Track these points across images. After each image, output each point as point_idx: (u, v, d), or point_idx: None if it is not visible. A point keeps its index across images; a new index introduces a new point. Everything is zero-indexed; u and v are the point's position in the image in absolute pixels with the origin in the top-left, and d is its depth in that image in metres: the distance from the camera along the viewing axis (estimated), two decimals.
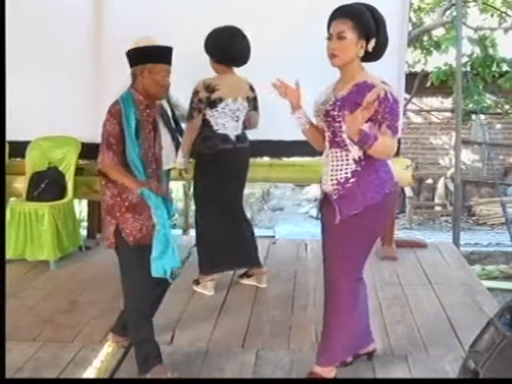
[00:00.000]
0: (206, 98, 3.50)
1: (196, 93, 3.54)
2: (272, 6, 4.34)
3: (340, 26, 2.46)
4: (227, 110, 3.53)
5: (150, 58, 2.74)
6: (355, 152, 2.44)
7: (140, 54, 2.78)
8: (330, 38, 2.49)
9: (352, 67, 2.49)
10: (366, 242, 2.57)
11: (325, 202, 2.62)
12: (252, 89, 3.67)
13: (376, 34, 2.47)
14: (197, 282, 3.78)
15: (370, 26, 2.47)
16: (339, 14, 2.50)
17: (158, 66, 2.72)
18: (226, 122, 3.56)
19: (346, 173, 2.48)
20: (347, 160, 2.48)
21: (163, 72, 2.73)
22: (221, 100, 3.50)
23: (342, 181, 2.49)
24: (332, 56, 2.48)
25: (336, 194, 2.51)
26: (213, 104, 3.52)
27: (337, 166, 2.50)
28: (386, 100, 2.37)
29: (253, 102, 3.71)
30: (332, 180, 2.51)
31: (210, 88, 3.50)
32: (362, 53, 2.46)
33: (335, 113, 2.45)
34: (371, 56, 2.51)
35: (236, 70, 3.66)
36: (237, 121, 3.62)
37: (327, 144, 2.55)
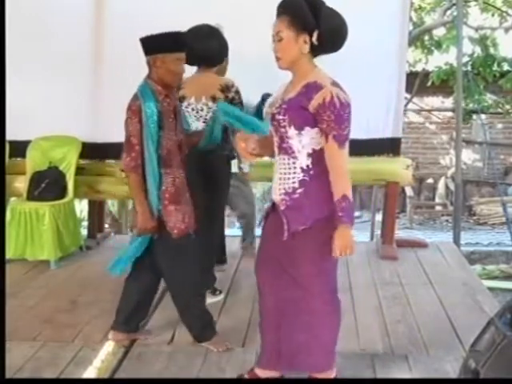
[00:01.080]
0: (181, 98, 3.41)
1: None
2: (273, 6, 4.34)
3: (278, 25, 2.26)
4: (190, 110, 3.40)
5: (160, 47, 2.72)
6: (303, 160, 2.27)
7: (150, 44, 2.74)
8: (274, 40, 2.30)
9: (301, 67, 2.29)
10: (324, 255, 2.32)
11: (272, 212, 2.44)
12: (224, 89, 3.38)
13: (317, 25, 2.21)
14: None
15: (308, 19, 2.20)
16: (278, 12, 2.29)
17: (170, 54, 2.70)
18: (191, 121, 3.42)
19: (294, 182, 2.29)
20: (294, 168, 2.29)
21: (176, 60, 2.72)
22: (183, 98, 3.38)
23: (289, 191, 2.30)
24: (276, 59, 2.30)
25: (284, 205, 2.32)
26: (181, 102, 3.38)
27: (284, 174, 2.32)
28: (332, 105, 2.18)
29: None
30: (280, 189, 2.34)
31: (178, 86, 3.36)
32: (306, 48, 2.24)
33: (280, 117, 2.26)
34: (325, 48, 2.28)
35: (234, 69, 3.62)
36: (200, 121, 3.41)
37: (276, 150, 2.36)
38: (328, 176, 2.25)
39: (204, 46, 3.35)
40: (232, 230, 6.83)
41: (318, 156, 2.27)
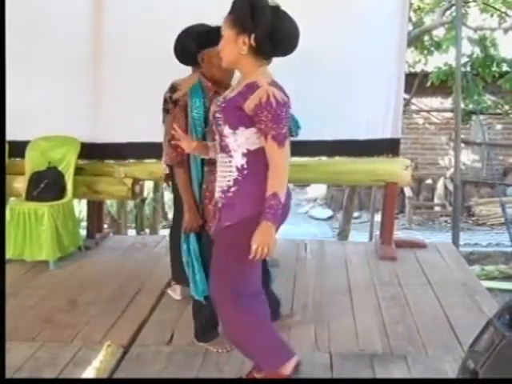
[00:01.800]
0: (169, 98, 3.29)
1: (165, 94, 3.40)
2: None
3: (224, 23, 2.27)
4: None
5: (205, 42, 2.73)
6: (238, 159, 2.27)
7: (196, 40, 2.76)
8: None
9: (244, 67, 2.27)
10: (232, 255, 2.31)
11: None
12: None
13: (254, 28, 2.17)
14: (168, 284, 3.76)
15: (246, 20, 2.17)
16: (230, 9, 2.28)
17: (214, 49, 2.61)
18: None
19: (229, 180, 2.30)
20: (231, 167, 2.30)
21: (219, 54, 2.69)
22: (178, 101, 3.15)
23: (225, 189, 2.32)
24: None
25: (220, 203, 2.35)
26: (175, 104, 3.22)
27: (222, 172, 2.34)
28: (269, 105, 2.14)
29: None
30: (218, 187, 2.37)
31: (173, 88, 3.32)
32: (245, 50, 2.20)
33: (218, 115, 2.28)
34: (265, 51, 2.23)
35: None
36: None
37: (217, 148, 2.38)
38: (264, 176, 2.23)
39: (188, 46, 3.19)
40: None
41: (253, 156, 2.27)
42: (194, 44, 3.00)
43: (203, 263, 2.85)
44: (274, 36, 2.17)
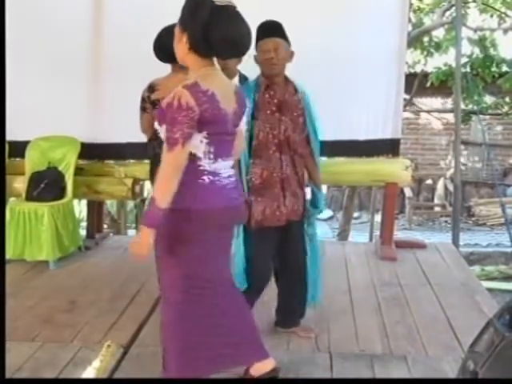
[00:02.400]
0: (147, 98, 3.31)
1: (143, 92, 3.39)
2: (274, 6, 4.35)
3: None
4: None
5: (265, 32, 2.80)
6: None
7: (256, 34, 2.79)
8: None
9: (189, 65, 2.27)
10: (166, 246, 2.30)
11: None
12: None
13: (190, 26, 2.18)
14: None
15: (185, 18, 2.20)
16: None
17: (262, 41, 2.76)
18: None
19: None
20: None
21: (267, 47, 2.76)
22: (158, 101, 3.07)
23: None
24: None
25: None
26: (154, 105, 3.25)
27: None
28: (170, 107, 2.13)
29: None
30: None
31: (151, 88, 3.32)
32: (185, 49, 2.21)
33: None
34: (201, 51, 2.21)
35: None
36: None
37: None
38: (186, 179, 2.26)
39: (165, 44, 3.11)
40: None
41: None
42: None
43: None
44: (210, 36, 2.14)
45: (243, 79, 4.04)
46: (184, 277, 2.34)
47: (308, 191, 3.02)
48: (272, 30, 2.81)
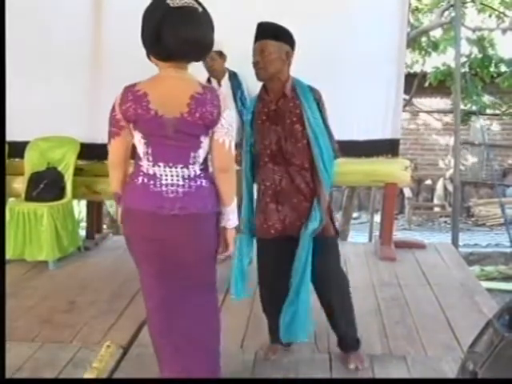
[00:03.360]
0: None
1: None
2: (274, 6, 4.36)
3: None
4: None
5: (256, 36, 2.68)
6: None
7: None
8: None
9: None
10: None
11: None
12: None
13: (143, 30, 2.17)
14: None
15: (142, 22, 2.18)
16: None
17: (258, 43, 2.66)
18: None
19: None
20: None
21: (253, 51, 2.66)
22: None
23: None
24: None
25: None
26: None
27: None
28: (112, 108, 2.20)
29: None
30: None
31: None
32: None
33: None
34: (152, 54, 2.20)
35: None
36: None
37: None
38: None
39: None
40: None
41: None
42: None
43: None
44: (162, 38, 2.10)
45: (232, 76, 4.05)
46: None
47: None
48: (260, 31, 2.67)
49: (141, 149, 2.20)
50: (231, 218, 2.31)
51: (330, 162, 2.69)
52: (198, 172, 2.20)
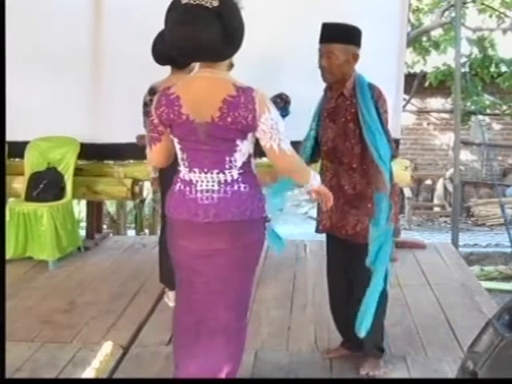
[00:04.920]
0: (150, 102, 3.16)
1: (144, 97, 3.39)
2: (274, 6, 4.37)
3: None
4: None
5: (321, 37, 2.63)
6: None
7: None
8: None
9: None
10: None
11: None
12: None
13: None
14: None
15: None
16: None
17: (319, 46, 2.61)
18: None
19: None
20: None
21: (320, 53, 2.61)
22: None
23: None
24: None
25: None
26: None
27: None
28: None
29: None
30: None
31: (152, 90, 3.28)
32: None
33: None
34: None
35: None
36: None
37: None
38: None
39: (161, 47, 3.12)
40: None
41: None
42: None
43: None
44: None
45: None
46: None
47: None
48: (326, 34, 2.60)
49: (178, 154, 2.16)
50: (313, 184, 2.26)
51: (388, 161, 2.56)
52: (236, 176, 2.11)
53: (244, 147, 2.10)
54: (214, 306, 2.19)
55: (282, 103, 3.53)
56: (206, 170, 2.10)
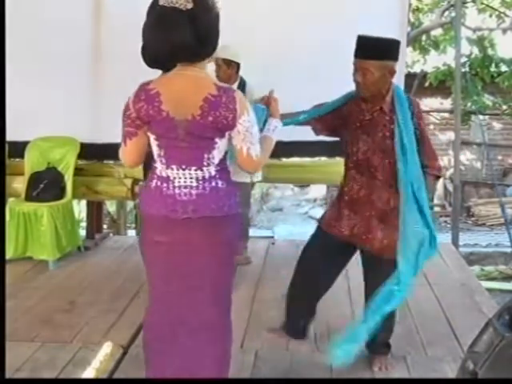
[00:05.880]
0: None
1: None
2: (274, 7, 4.37)
3: None
4: None
5: (356, 51, 2.60)
6: None
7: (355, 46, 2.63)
8: None
9: None
10: None
11: None
12: None
13: None
14: None
15: None
16: None
17: (355, 60, 2.58)
18: None
19: None
20: None
21: (355, 67, 2.58)
22: None
23: None
24: None
25: None
26: None
27: None
28: None
29: None
30: None
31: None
32: None
33: None
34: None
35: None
36: None
37: None
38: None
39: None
40: None
41: None
42: None
43: None
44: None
45: (241, 87, 4.03)
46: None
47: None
48: (363, 49, 2.57)
49: (155, 151, 2.15)
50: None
51: (416, 179, 2.53)
52: (214, 173, 2.13)
53: (222, 145, 2.12)
54: (194, 303, 2.18)
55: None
56: (183, 167, 2.11)
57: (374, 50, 2.54)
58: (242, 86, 4.08)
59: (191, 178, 2.12)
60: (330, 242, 2.81)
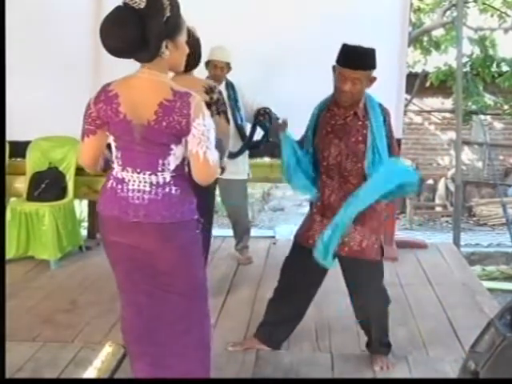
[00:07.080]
0: None
1: None
2: (274, 7, 4.36)
3: None
4: None
5: (339, 59, 2.63)
6: None
7: (338, 54, 2.66)
8: None
9: None
10: None
11: None
12: (208, 91, 3.16)
13: None
14: None
15: None
16: None
17: (343, 69, 2.59)
18: None
19: None
20: None
21: (343, 77, 2.58)
22: None
23: None
24: None
25: None
26: None
27: None
28: None
29: None
30: None
31: None
32: None
33: None
34: None
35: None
36: None
37: None
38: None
39: None
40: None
41: None
42: None
43: None
44: None
45: (229, 86, 4.03)
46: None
47: None
48: (351, 59, 2.61)
49: (113, 152, 2.15)
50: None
51: (382, 184, 2.59)
52: (168, 179, 2.10)
53: (178, 151, 2.09)
54: (167, 293, 2.17)
55: (265, 116, 3.71)
56: (138, 170, 2.10)
57: (362, 60, 2.61)
58: (231, 86, 4.06)
59: (145, 183, 2.10)
60: (306, 255, 2.72)
